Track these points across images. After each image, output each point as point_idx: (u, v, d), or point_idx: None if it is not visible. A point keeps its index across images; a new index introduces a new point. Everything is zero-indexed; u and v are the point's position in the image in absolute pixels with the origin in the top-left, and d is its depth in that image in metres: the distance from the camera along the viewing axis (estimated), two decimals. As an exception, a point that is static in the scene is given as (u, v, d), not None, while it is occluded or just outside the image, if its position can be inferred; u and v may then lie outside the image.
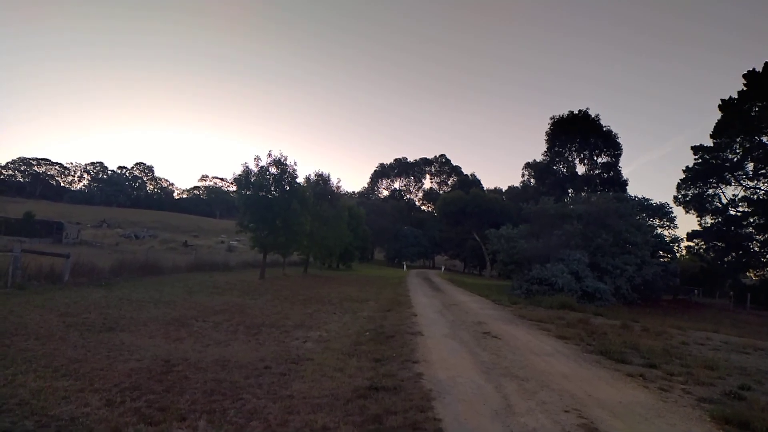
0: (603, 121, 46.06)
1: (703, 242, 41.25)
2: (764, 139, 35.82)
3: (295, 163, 22.33)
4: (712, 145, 38.39)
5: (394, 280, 27.94)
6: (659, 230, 33.19)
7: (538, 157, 52.36)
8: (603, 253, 25.56)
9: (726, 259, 39.77)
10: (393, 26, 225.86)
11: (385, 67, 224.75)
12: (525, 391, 5.37)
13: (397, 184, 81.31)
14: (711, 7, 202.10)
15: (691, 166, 39.61)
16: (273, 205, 21.06)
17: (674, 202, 40.38)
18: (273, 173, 21.77)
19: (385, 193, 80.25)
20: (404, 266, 53.71)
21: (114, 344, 6.58)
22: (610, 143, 45.94)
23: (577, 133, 45.97)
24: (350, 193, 74.40)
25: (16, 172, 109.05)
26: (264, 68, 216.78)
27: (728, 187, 38.93)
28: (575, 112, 46.88)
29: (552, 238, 25.44)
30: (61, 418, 3.86)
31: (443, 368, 6.28)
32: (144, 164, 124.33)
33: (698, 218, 40.47)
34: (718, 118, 37.48)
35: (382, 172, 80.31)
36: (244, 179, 21.07)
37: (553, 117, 47.99)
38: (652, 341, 9.79)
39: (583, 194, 38.48)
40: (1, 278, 11.35)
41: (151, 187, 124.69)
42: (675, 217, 34.32)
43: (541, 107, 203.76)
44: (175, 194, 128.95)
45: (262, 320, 9.65)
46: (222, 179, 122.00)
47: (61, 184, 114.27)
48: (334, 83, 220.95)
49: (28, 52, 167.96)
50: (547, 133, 48.30)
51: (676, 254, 38.41)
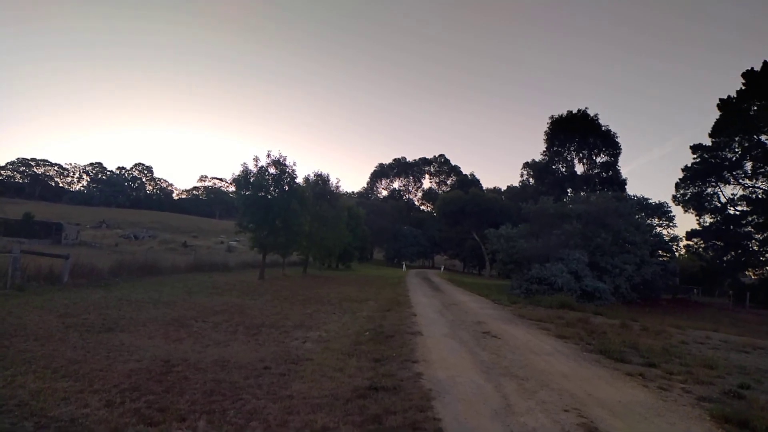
0: (602, 121, 46.16)
1: (702, 241, 41.31)
2: (763, 138, 35.88)
3: (294, 164, 22.39)
4: (710, 144, 38.45)
5: (394, 280, 27.94)
6: (658, 229, 33.22)
7: (537, 157, 52.41)
8: (602, 252, 25.58)
9: (725, 258, 39.84)
10: (393, 26, 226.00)
11: (384, 67, 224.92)
12: (525, 391, 5.38)
13: (396, 184, 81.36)
14: (710, 6, 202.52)
15: (690, 166, 39.68)
16: (272, 206, 21.05)
17: (673, 202, 40.46)
18: (272, 173, 21.77)
19: (385, 193, 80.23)
20: (403, 266, 53.68)
21: (113, 345, 6.57)
22: (609, 143, 45.98)
23: (576, 132, 46.00)
24: (349, 193, 74.40)
25: (15, 173, 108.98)
26: (263, 68, 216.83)
27: (727, 186, 39.01)
28: (574, 111, 46.94)
29: (551, 237, 25.45)
30: (60, 419, 3.86)
31: (443, 368, 6.29)
32: (143, 165, 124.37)
33: (697, 217, 40.55)
34: (717, 118, 37.54)
35: (382, 172, 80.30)
36: (243, 179, 21.06)
37: (552, 116, 48.06)
38: (652, 340, 9.81)
39: (582, 194, 38.47)
40: (1, 279, 11.33)
41: (151, 187, 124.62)
42: (674, 216, 34.43)
43: (540, 107, 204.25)
44: (174, 195, 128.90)
45: (262, 320, 9.64)
46: (221, 180, 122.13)
47: (60, 185, 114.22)
48: (334, 83, 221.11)
49: (27, 53, 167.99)
50: (546, 133, 48.35)
51: (675, 253, 38.43)
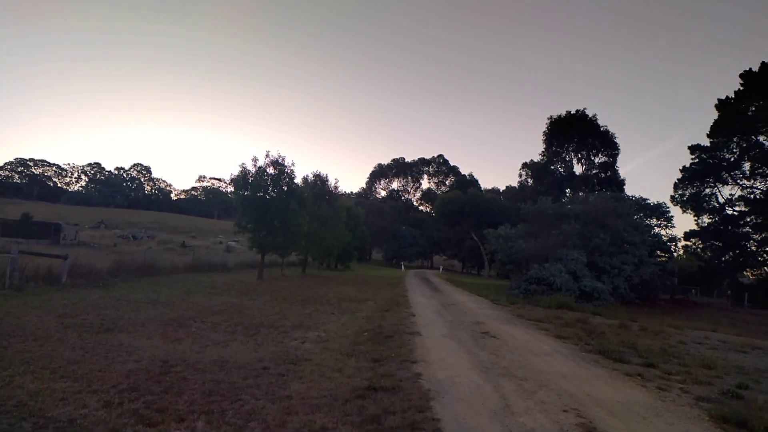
0: (600, 121, 46.29)
1: (700, 242, 41.40)
2: (761, 138, 35.98)
3: (293, 164, 22.36)
4: (709, 144, 38.54)
5: (393, 281, 27.93)
6: (657, 230, 33.28)
7: (536, 157, 52.53)
8: (601, 252, 25.62)
9: (723, 259, 39.92)
10: (392, 26, 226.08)
11: (383, 67, 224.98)
12: (523, 391, 5.38)
13: (395, 185, 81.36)
14: (708, 6, 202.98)
15: (688, 166, 39.76)
16: (271, 206, 21.04)
17: (671, 202, 40.54)
18: (271, 174, 21.75)
19: (383, 194, 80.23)
20: (402, 266, 53.70)
21: (112, 345, 6.55)
22: (607, 143, 46.07)
23: (575, 133, 46.09)
24: (348, 194, 74.29)
25: (14, 174, 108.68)
26: (262, 68, 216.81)
27: (725, 186, 39.10)
28: (573, 112, 47.05)
29: (550, 237, 25.48)
30: (59, 419, 3.85)
31: (442, 368, 6.29)
32: (141, 165, 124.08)
33: (695, 218, 40.64)
34: (715, 118, 37.63)
35: (380, 173, 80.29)
36: (241, 180, 21.04)
37: (551, 117, 48.19)
38: (650, 340, 9.83)
39: (580, 194, 38.50)
40: (-1, 280, 11.31)
41: (149, 187, 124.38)
42: (672, 216, 34.46)
43: (539, 107, 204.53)
44: (172, 195, 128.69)
45: (261, 321, 9.63)
46: (220, 180, 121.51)
47: (59, 185, 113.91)
48: (333, 83, 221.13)
49: (25, 53, 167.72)
50: (545, 133, 48.44)
51: (674, 254, 38.49)
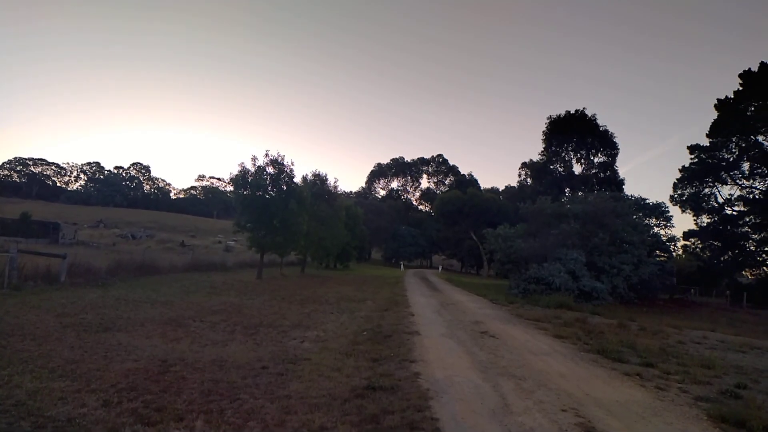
0: (600, 121, 46.15)
1: (699, 241, 41.46)
2: (760, 138, 36.04)
3: (293, 163, 22.36)
4: (708, 144, 38.60)
5: (392, 280, 27.92)
6: (656, 229, 33.22)
7: (535, 157, 52.47)
8: (600, 252, 25.62)
9: (722, 258, 39.99)
10: (392, 26, 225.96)
11: (383, 66, 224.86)
12: (522, 390, 5.39)
13: (394, 184, 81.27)
14: (708, 6, 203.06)
15: (687, 166, 39.82)
16: (270, 205, 21.02)
17: (671, 202, 40.61)
18: (270, 173, 21.74)
19: (383, 193, 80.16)
20: (401, 266, 53.69)
21: (111, 345, 6.55)
22: (606, 143, 46.05)
23: (574, 132, 46.05)
24: (347, 193, 74.20)
25: (13, 173, 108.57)
26: (262, 68, 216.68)
27: (724, 186, 39.16)
28: (572, 111, 46.96)
29: (549, 237, 25.47)
30: (57, 419, 3.84)
31: (440, 368, 6.29)
32: (141, 164, 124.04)
33: (695, 217, 40.70)
34: (715, 118, 37.69)
35: (380, 172, 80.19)
36: (241, 179, 21.02)
37: (550, 117, 48.09)
38: (649, 340, 9.83)
39: (579, 194, 38.52)
40: (-3, 279, 11.29)
41: (148, 187, 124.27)
42: (671, 216, 34.40)
43: (538, 107, 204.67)
44: (172, 194, 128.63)
45: (260, 320, 9.63)
46: (219, 179, 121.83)
47: (58, 185, 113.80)
48: (333, 83, 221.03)
49: (25, 52, 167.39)
50: (544, 133, 48.39)
51: (673, 253, 38.44)
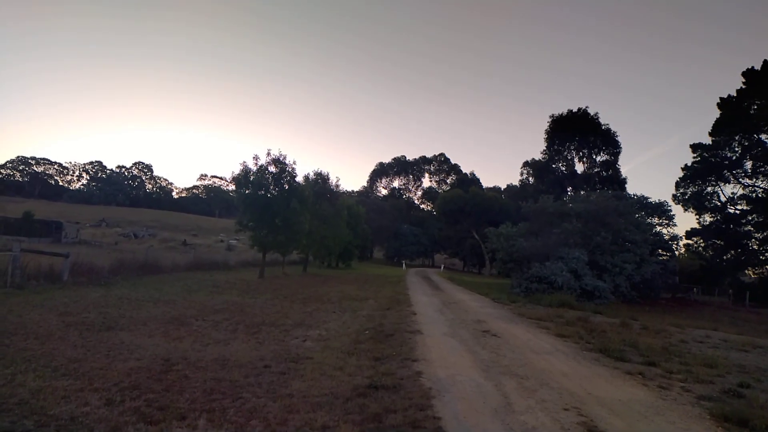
0: (602, 120, 46.16)
1: (702, 240, 41.38)
2: (763, 137, 35.91)
3: (294, 162, 22.33)
4: (711, 143, 38.48)
5: (394, 279, 27.93)
6: (658, 228, 33.19)
7: (537, 156, 52.44)
8: (602, 251, 25.57)
9: (725, 257, 39.89)
10: (393, 26, 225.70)
11: (384, 66, 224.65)
12: (524, 390, 5.38)
13: (396, 183, 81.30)
14: (710, 5, 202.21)
15: (690, 164, 39.71)
16: (272, 204, 21.03)
17: (673, 201, 40.53)
18: (272, 172, 21.74)
19: (384, 192, 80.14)
20: (403, 265, 53.69)
21: (113, 343, 6.57)
22: (609, 141, 45.97)
23: (577, 131, 45.98)
24: (349, 192, 74.24)
25: (15, 172, 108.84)
26: (263, 67, 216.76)
27: (727, 185, 39.06)
28: (574, 110, 46.94)
29: (551, 236, 25.44)
30: (60, 417, 3.85)
31: (443, 367, 6.29)
32: (143, 163, 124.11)
33: (697, 216, 40.59)
34: (717, 116, 37.56)
35: (381, 171, 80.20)
36: (243, 178, 21.03)
37: (553, 115, 48.09)
38: (652, 339, 9.81)
39: (582, 192, 38.47)
40: (1, 278, 11.32)
41: (150, 186, 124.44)
42: (674, 215, 34.45)
43: (540, 106, 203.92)
44: (174, 193, 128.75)
45: (262, 319, 9.64)
46: (221, 178, 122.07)
47: (60, 184, 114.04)
48: (334, 82, 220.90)
49: (27, 52, 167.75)
50: (547, 132, 48.35)
51: (675, 252, 38.44)
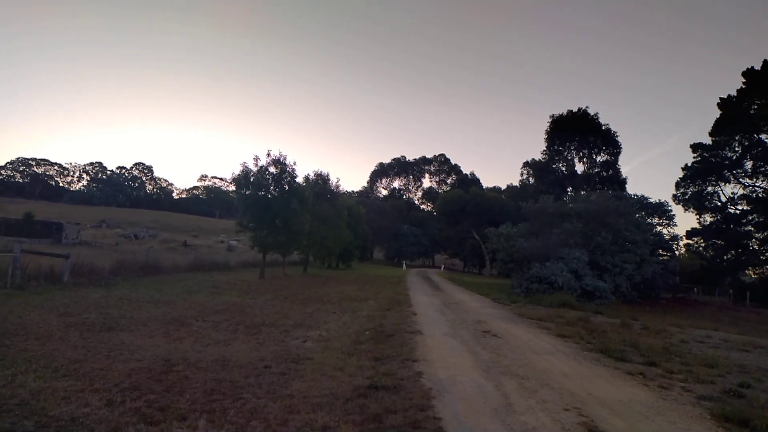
0: (602, 120, 46.22)
1: (702, 240, 41.39)
2: (763, 137, 35.93)
3: (295, 163, 22.34)
4: (711, 143, 38.50)
5: (394, 279, 27.92)
6: (658, 228, 33.24)
7: (538, 156, 52.50)
8: (602, 251, 25.57)
9: (725, 257, 39.90)
10: (393, 26, 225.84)
11: (384, 66, 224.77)
12: (525, 390, 5.38)
13: (396, 184, 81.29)
14: (710, 5, 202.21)
15: (690, 164, 39.73)
16: (272, 205, 21.04)
17: (673, 201, 40.56)
18: (272, 173, 21.75)
19: (385, 193, 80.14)
20: (404, 265, 53.67)
21: (114, 344, 6.57)
22: (609, 142, 46.00)
23: (577, 131, 46.02)
24: (350, 193, 74.21)
25: (15, 173, 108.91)
26: (264, 68, 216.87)
27: (727, 185, 39.09)
28: (574, 110, 46.97)
29: (551, 236, 25.44)
30: (61, 418, 3.85)
31: (443, 367, 6.28)
32: (143, 164, 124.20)
33: (697, 216, 40.62)
34: (717, 116, 37.60)
35: (382, 172, 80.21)
36: (243, 179, 21.05)
37: (553, 116, 48.14)
38: (652, 339, 9.80)
39: (582, 193, 38.47)
40: (1, 278, 11.32)
41: (151, 187, 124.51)
42: (674, 215, 34.49)
43: (540, 106, 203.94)
44: (174, 194, 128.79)
45: (262, 320, 9.64)
46: (221, 179, 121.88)
47: (61, 185, 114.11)
48: (334, 83, 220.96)
49: (27, 52, 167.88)
50: (547, 132, 48.39)
51: (676, 252, 38.49)
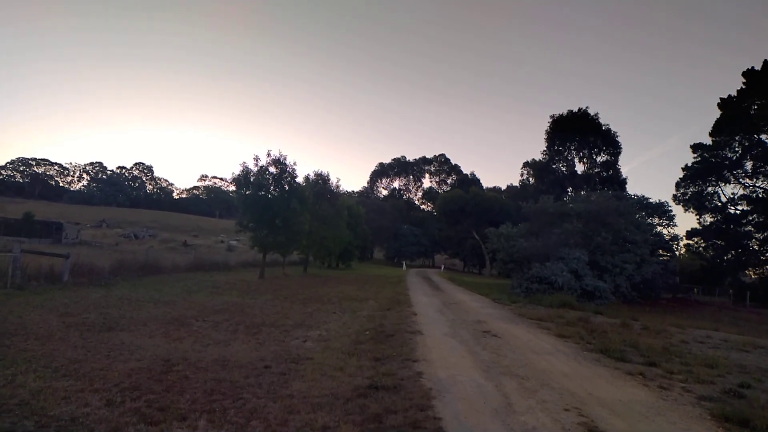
0: (602, 120, 46.20)
1: (702, 240, 41.38)
2: (763, 137, 35.93)
3: (295, 163, 22.33)
4: (711, 143, 38.49)
5: (394, 279, 27.90)
6: (659, 229, 33.24)
7: (538, 156, 52.52)
8: (602, 251, 25.57)
9: (725, 258, 39.89)
10: (393, 26, 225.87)
11: (384, 66, 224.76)
12: (525, 390, 5.37)
13: (396, 184, 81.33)
14: (710, 5, 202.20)
15: (690, 165, 39.74)
16: (272, 205, 21.04)
17: (673, 201, 40.56)
18: (272, 173, 21.75)
19: (385, 193, 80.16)
20: (404, 265, 53.65)
21: (114, 344, 6.57)
22: (609, 142, 45.99)
23: (577, 131, 46.01)
24: (350, 193, 74.20)
25: (16, 173, 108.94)
26: (264, 68, 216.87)
27: (727, 185, 39.09)
28: (575, 110, 46.96)
29: (551, 236, 25.44)
30: (61, 418, 3.85)
31: (443, 367, 6.28)
32: (143, 164, 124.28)
33: (697, 217, 40.62)
34: (718, 117, 37.59)
35: (382, 172, 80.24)
36: (243, 179, 21.05)
37: (553, 116, 48.14)
38: (652, 339, 9.79)
39: (582, 193, 38.48)
40: (1, 278, 11.33)
41: (151, 187, 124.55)
42: (674, 215, 34.50)
43: (540, 106, 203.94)
44: (174, 194, 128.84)
45: (262, 320, 9.63)
46: (221, 179, 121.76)
47: (61, 185, 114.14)
48: (334, 83, 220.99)
49: (28, 52, 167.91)
50: (547, 132, 48.39)
51: (676, 253, 38.51)
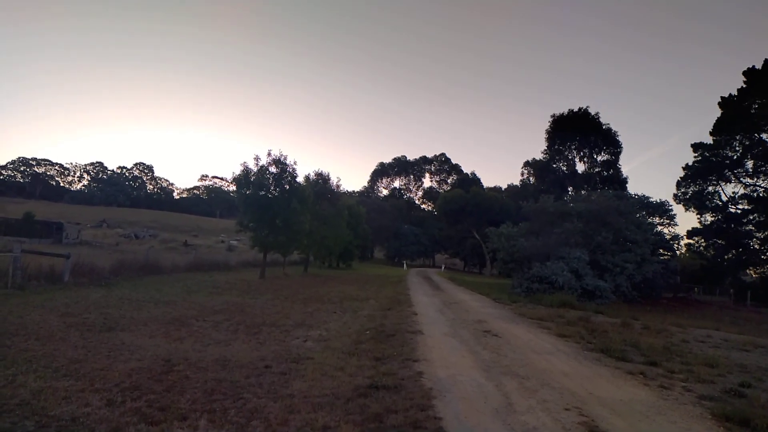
0: (603, 119, 46.20)
1: (703, 240, 41.34)
2: (764, 136, 35.87)
3: (295, 163, 22.30)
4: (712, 142, 38.44)
5: (394, 279, 27.92)
6: (659, 228, 33.15)
7: (538, 156, 52.46)
8: (603, 251, 25.55)
9: (726, 257, 39.84)
10: (393, 26, 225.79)
11: (384, 66, 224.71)
12: (525, 390, 5.37)
13: (396, 183, 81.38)
14: (710, 5, 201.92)
15: (691, 164, 39.68)
16: (273, 205, 21.04)
17: (674, 200, 40.50)
18: (273, 172, 21.74)
19: (385, 192, 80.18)
20: (404, 265, 53.70)
21: (114, 344, 6.57)
22: (609, 141, 45.97)
23: (577, 131, 45.98)
24: (350, 192, 74.19)
25: (16, 173, 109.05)
26: (264, 68, 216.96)
27: (728, 184, 39.04)
28: (575, 110, 46.93)
29: (552, 236, 25.42)
30: (61, 418, 3.85)
31: (444, 367, 6.28)
32: (144, 164, 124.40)
33: (698, 216, 40.57)
34: (718, 116, 37.54)
35: (382, 171, 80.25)
36: (243, 179, 21.04)
37: (554, 115, 48.09)
38: (653, 339, 9.79)
39: (583, 192, 38.45)
40: (1, 278, 11.34)
41: (151, 187, 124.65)
42: (675, 214, 34.43)
43: (540, 106, 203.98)
44: (175, 194, 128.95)
45: (263, 319, 9.64)
46: (222, 179, 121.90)
47: (61, 185, 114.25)
48: (334, 83, 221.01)
49: (28, 52, 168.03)
50: (547, 131, 48.33)
51: (677, 252, 38.42)
